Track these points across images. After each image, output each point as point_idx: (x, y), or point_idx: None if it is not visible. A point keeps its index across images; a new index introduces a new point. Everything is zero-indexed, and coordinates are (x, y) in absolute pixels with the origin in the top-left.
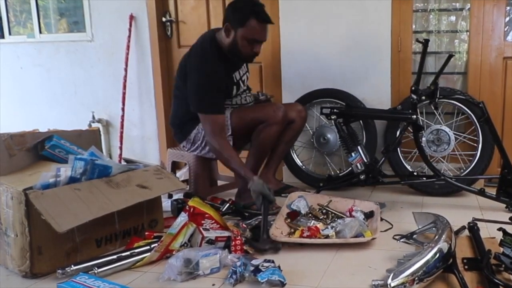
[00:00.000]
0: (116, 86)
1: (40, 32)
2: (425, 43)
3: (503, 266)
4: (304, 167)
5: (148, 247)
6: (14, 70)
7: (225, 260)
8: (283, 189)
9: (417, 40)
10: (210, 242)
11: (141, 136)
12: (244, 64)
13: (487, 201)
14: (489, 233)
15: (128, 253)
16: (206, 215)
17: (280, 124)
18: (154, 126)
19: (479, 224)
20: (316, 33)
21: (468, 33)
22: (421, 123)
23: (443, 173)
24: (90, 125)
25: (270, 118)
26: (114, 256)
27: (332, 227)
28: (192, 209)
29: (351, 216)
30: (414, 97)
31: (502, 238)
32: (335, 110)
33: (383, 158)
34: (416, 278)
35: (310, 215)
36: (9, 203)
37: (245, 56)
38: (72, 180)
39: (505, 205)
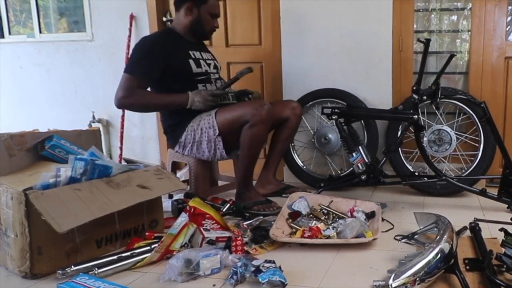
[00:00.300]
0: (116, 86)
1: (40, 31)
2: (427, 42)
3: (505, 266)
4: (305, 167)
5: (148, 248)
6: (14, 70)
7: (226, 261)
8: (283, 189)
9: (419, 40)
10: (211, 242)
11: (142, 136)
12: (210, 54)
13: (488, 201)
14: (491, 233)
15: (128, 253)
16: (207, 216)
17: (265, 122)
18: (155, 126)
19: (481, 224)
20: (316, 33)
21: (469, 32)
22: (422, 123)
23: (444, 173)
24: (90, 125)
25: (254, 117)
26: (115, 257)
27: (333, 228)
28: (192, 210)
29: (352, 216)
30: (416, 97)
31: (504, 239)
32: (336, 110)
33: (384, 158)
34: (418, 279)
35: (311, 215)
36: (9, 204)
37: (207, 31)
38: (72, 180)
39: (506, 206)
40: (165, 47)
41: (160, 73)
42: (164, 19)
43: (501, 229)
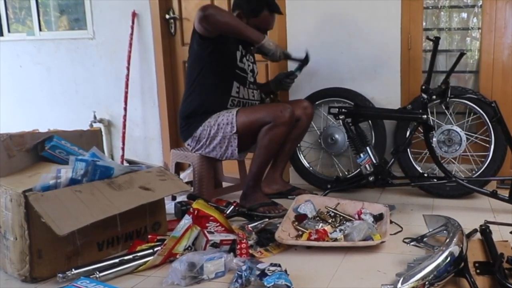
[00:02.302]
0: (118, 85)
1: (40, 29)
2: (436, 41)
3: None
4: (311, 168)
5: (151, 251)
6: (13, 68)
7: (230, 264)
8: (290, 190)
9: (428, 38)
10: (215, 245)
11: (144, 136)
12: (253, 58)
13: (499, 203)
14: (502, 236)
15: (130, 256)
16: (211, 218)
17: (287, 125)
18: (157, 126)
19: (492, 227)
20: (323, 31)
21: (480, 30)
22: (431, 123)
23: (454, 174)
24: (91, 125)
25: (276, 119)
26: (116, 260)
27: (340, 230)
28: (196, 212)
29: (359, 218)
30: (425, 96)
31: None
32: (343, 110)
33: (393, 159)
34: (427, 283)
35: (318, 218)
36: (8, 206)
37: (251, 41)
38: (73, 181)
39: None
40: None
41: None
42: (167, 16)
43: None
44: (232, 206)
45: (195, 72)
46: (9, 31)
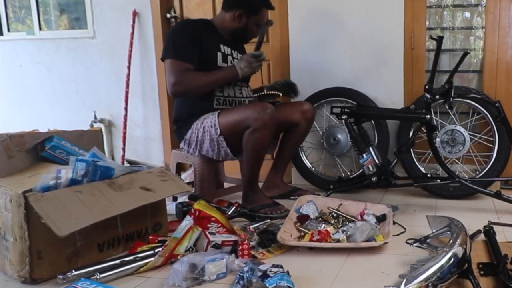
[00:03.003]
0: (118, 84)
1: (40, 28)
2: (439, 40)
3: None
4: (313, 168)
5: (152, 252)
6: (13, 68)
7: (232, 265)
8: (291, 192)
9: (431, 37)
10: (216, 246)
11: (145, 136)
12: (242, 54)
13: (503, 204)
14: (506, 237)
15: (131, 258)
16: (212, 219)
17: (268, 127)
18: (158, 126)
19: (495, 227)
20: (326, 30)
21: (483, 29)
22: (435, 123)
23: (457, 175)
24: (92, 125)
25: (256, 122)
26: (117, 261)
27: (343, 231)
28: (197, 212)
29: (362, 219)
30: (428, 96)
31: None
32: (345, 110)
33: (396, 160)
34: (430, 284)
35: (321, 219)
36: (8, 206)
37: (249, 38)
38: (73, 182)
39: None
40: (202, 33)
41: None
42: (168, 15)
43: None
44: (234, 207)
45: None
46: (8, 30)
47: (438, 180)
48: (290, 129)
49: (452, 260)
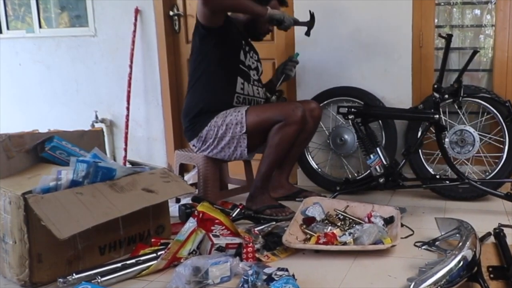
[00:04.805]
0: (120, 84)
1: (40, 26)
2: (448, 38)
3: None
4: (319, 170)
5: (154, 255)
6: (12, 67)
7: (236, 269)
8: (296, 193)
9: (440, 35)
10: (220, 249)
11: (147, 137)
12: (257, 56)
13: None
14: None
15: (133, 261)
16: (216, 221)
17: (299, 124)
18: (161, 126)
19: (506, 230)
20: (332, 28)
21: (493, 27)
22: (444, 123)
23: (467, 176)
24: (93, 125)
25: (288, 117)
26: (119, 264)
27: (349, 234)
28: (201, 215)
29: (369, 222)
30: (437, 95)
31: None
32: (352, 110)
33: (404, 161)
34: None
35: (327, 221)
36: (7, 208)
37: (260, 33)
38: (73, 183)
39: None
40: (231, 20)
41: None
42: (171, 13)
43: None
44: (238, 209)
45: (198, 68)
46: (8, 28)
47: (447, 182)
48: None
49: (462, 263)
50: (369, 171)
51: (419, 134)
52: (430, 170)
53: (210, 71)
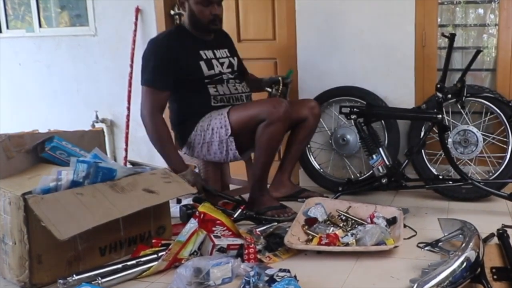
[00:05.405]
0: (121, 83)
1: (40, 26)
2: (451, 37)
3: None
4: (321, 170)
5: (155, 256)
6: (12, 66)
7: (238, 270)
8: (298, 192)
9: (443, 35)
10: (222, 250)
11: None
12: (227, 50)
13: None
14: None
15: (134, 262)
16: (217, 222)
17: (282, 121)
18: None
19: (509, 231)
20: (334, 27)
21: (497, 27)
22: (447, 123)
23: (470, 176)
24: (93, 125)
25: (270, 115)
26: (119, 265)
27: (352, 235)
28: (202, 215)
29: (372, 222)
30: (440, 95)
31: None
32: (355, 109)
33: (407, 161)
34: None
35: (329, 222)
36: (6, 209)
37: (206, 22)
38: (74, 184)
39: None
40: (175, 49)
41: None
42: (172, 12)
43: None
44: (240, 209)
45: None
46: (7, 28)
47: (450, 182)
48: (298, 124)
49: (465, 264)
50: (371, 171)
51: (422, 134)
52: (433, 170)
53: (182, 95)
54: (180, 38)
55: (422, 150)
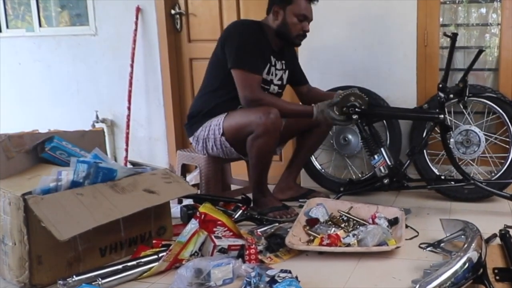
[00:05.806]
0: (121, 83)
1: (40, 25)
2: (454, 37)
3: None
4: (323, 170)
5: (156, 257)
6: (12, 66)
7: (239, 270)
8: (305, 194)
9: (445, 34)
10: (223, 251)
11: (149, 137)
12: (284, 62)
13: None
14: None
15: (134, 262)
16: (218, 222)
17: (271, 133)
18: (163, 126)
19: (511, 231)
20: (336, 27)
21: (499, 26)
22: (449, 123)
23: (472, 177)
24: (93, 125)
25: (257, 127)
26: (120, 266)
27: (353, 235)
28: (203, 216)
29: (374, 223)
30: (442, 95)
31: None
32: (356, 109)
33: (408, 161)
34: None
35: (330, 222)
36: (6, 209)
37: (295, 36)
38: (74, 184)
39: None
40: (259, 40)
41: None
42: (173, 11)
43: None
44: (241, 210)
45: (213, 76)
46: (7, 27)
47: (452, 182)
48: (310, 129)
49: (467, 265)
50: (373, 171)
51: (424, 134)
52: (435, 170)
53: (225, 84)
54: (264, 34)
55: (424, 150)
